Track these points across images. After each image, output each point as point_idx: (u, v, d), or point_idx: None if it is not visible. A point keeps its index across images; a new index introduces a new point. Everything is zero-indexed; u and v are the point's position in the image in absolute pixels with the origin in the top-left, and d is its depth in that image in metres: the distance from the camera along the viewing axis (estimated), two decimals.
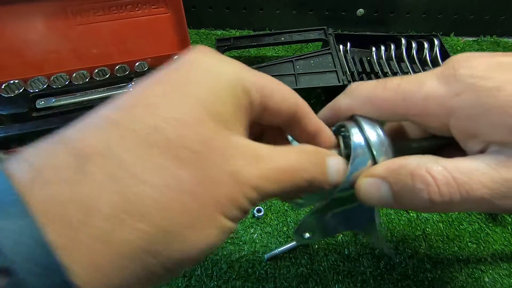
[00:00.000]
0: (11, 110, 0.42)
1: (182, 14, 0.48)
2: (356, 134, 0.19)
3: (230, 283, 0.35)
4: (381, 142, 0.18)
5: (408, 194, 0.16)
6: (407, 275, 0.36)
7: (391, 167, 0.17)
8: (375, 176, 0.17)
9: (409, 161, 0.17)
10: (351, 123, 0.20)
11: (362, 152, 0.19)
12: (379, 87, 0.19)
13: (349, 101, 0.20)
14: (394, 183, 0.17)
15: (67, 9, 0.44)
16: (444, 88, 0.16)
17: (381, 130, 0.19)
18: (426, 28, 0.64)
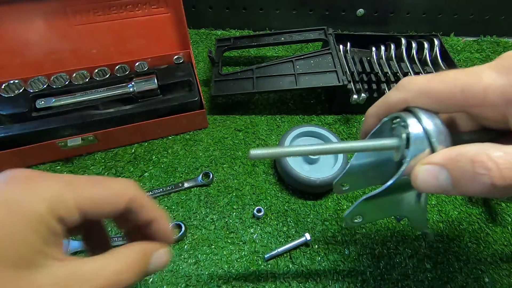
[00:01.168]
0: (11, 110, 0.42)
1: (182, 14, 0.48)
2: (413, 124, 0.19)
3: (230, 283, 0.35)
4: (440, 131, 0.19)
5: (468, 180, 0.16)
6: (407, 275, 0.36)
7: (450, 154, 0.17)
8: (434, 164, 0.18)
9: (468, 148, 0.17)
10: (407, 114, 0.20)
11: (420, 141, 0.19)
12: (435, 80, 0.20)
13: (403, 95, 0.21)
14: (454, 169, 0.17)
15: (67, 9, 0.44)
16: (503, 79, 0.17)
17: (439, 120, 0.19)
18: (426, 28, 0.64)
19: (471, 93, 0.18)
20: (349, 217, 0.24)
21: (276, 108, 0.52)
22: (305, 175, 0.38)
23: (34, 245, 0.15)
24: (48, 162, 0.44)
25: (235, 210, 0.40)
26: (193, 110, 0.45)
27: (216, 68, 0.51)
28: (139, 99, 0.45)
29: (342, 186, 0.27)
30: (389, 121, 0.22)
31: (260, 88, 0.48)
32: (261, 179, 0.43)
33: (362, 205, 0.23)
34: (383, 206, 0.23)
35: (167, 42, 0.51)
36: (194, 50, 0.61)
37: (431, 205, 0.41)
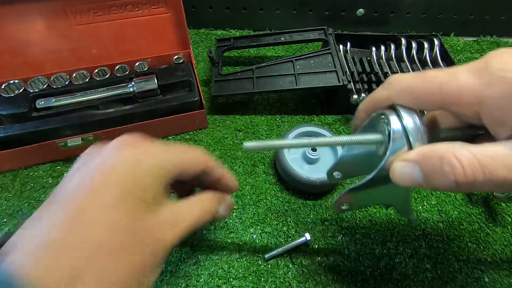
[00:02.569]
0: (11, 110, 0.42)
1: (182, 14, 0.48)
2: (394, 122, 0.21)
3: (230, 283, 0.35)
4: (418, 129, 0.20)
5: (437, 176, 0.18)
6: (407, 275, 0.36)
7: (422, 152, 0.19)
8: (409, 161, 0.19)
9: (439, 147, 0.18)
10: (390, 111, 0.22)
11: (399, 138, 0.20)
12: (418, 78, 0.21)
13: (388, 92, 0.22)
14: (425, 166, 0.18)
15: (67, 9, 0.44)
16: (477, 80, 0.18)
17: (419, 118, 0.21)
18: (426, 28, 0.64)
19: (448, 92, 0.19)
20: (336, 205, 0.26)
21: (276, 108, 0.52)
22: (305, 175, 0.38)
23: (160, 190, 0.20)
24: (48, 162, 0.44)
25: (235, 210, 0.40)
26: (193, 110, 0.45)
27: (216, 68, 0.51)
28: (139, 99, 0.45)
29: (335, 174, 0.30)
30: (377, 117, 0.23)
31: (260, 88, 0.48)
32: (261, 179, 0.43)
33: (347, 195, 0.25)
34: (368, 196, 0.25)
35: (167, 42, 0.51)
36: (194, 50, 0.61)
37: (431, 205, 0.41)
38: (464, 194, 0.42)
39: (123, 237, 0.17)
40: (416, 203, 0.41)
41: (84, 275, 0.15)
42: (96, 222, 0.16)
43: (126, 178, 0.18)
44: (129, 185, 0.18)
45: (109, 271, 0.16)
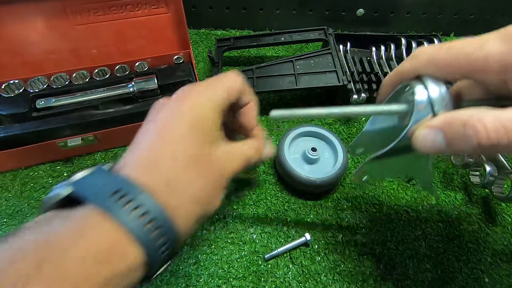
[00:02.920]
0: (11, 110, 0.42)
1: (182, 14, 0.48)
2: (420, 91, 0.21)
3: (230, 283, 0.35)
4: (443, 98, 0.20)
5: (460, 140, 0.18)
6: (407, 275, 0.36)
7: (446, 119, 0.19)
8: (432, 127, 0.20)
9: (463, 112, 0.19)
10: (416, 81, 0.22)
11: (423, 107, 0.21)
12: (442, 48, 0.21)
13: (414, 64, 0.23)
14: (448, 132, 0.19)
15: (67, 9, 0.44)
16: (504, 46, 0.18)
17: (444, 87, 0.21)
18: (426, 28, 0.64)
19: (474, 60, 0.19)
20: (356, 175, 0.27)
21: (276, 108, 0.52)
22: (305, 175, 0.38)
23: (216, 126, 0.23)
24: (48, 162, 0.44)
25: (235, 210, 0.40)
26: None
27: (216, 68, 0.51)
28: (139, 99, 0.45)
29: (357, 148, 0.30)
30: (401, 89, 0.24)
31: (260, 88, 0.48)
32: (261, 179, 0.43)
33: (368, 165, 0.25)
34: (389, 166, 0.25)
35: (167, 42, 0.51)
36: (194, 50, 0.61)
37: (431, 205, 0.41)
38: (464, 194, 0.42)
39: (194, 159, 0.21)
40: (416, 203, 0.41)
41: (173, 183, 0.20)
42: (175, 147, 0.21)
43: (190, 119, 0.22)
44: (193, 123, 0.22)
45: (189, 181, 0.20)
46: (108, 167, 0.21)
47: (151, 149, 0.21)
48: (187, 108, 0.22)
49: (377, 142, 0.29)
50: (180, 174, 0.20)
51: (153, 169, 0.20)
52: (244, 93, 0.27)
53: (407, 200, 0.42)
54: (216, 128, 0.23)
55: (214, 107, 0.23)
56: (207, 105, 0.23)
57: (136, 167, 0.20)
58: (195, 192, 0.21)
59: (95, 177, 0.19)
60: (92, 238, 0.16)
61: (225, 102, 0.24)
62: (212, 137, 0.23)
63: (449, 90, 0.21)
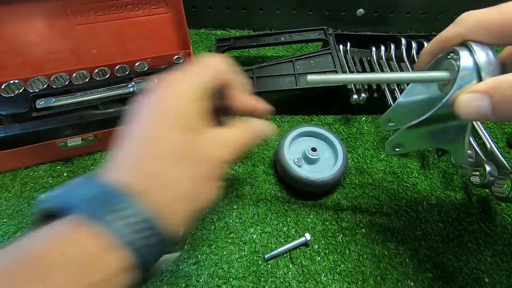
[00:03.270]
0: (11, 110, 0.42)
1: (182, 14, 0.48)
2: (465, 57, 0.20)
3: (230, 283, 0.35)
4: (491, 63, 0.19)
5: (508, 105, 0.17)
6: (407, 275, 0.36)
7: (493, 82, 0.18)
8: (478, 91, 0.18)
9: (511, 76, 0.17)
10: (461, 47, 0.21)
11: (469, 73, 0.19)
12: (492, 11, 0.19)
13: (459, 28, 0.21)
14: (495, 95, 0.18)
15: (67, 9, 0.44)
16: None
17: (492, 52, 0.20)
18: (426, 28, 0.64)
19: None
20: (390, 144, 0.25)
21: (276, 108, 0.52)
22: (305, 175, 0.38)
23: (201, 116, 0.21)
24: (48, 162, 0.44)
25: (235, 210, 0.40)
26: None
27: None
28: None
29: (388, 121, 0.28)
30: (443, 56, 0.22)
31: (260, 88, 0.48)
32: (261, 179, 0.43)
33: (404, 134, 0.24)
34: (425, 136, 0.24)
35: (167, 42, 0.51)
36: (194, 50, 0.61)
37: (431, 205, 0.41)
38: (464, 194, 0.42)
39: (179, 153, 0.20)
40: (416, 203, 0.41)
41: (159, 180, 0.19)
42: (158, 143, 0.20)
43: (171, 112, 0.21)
44: (175, 115, 0.21)
45: (176, 177, 0.20)
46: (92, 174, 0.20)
47: (135, 148, 0.20)
48: (167, 100, 0.21)
49: (411, 116, 0.26)
50: (166, 171, 0.19)
51: (137, 169, 0.19)
52: (232, 73, 0.26)
53: (407, 200, 0.42)
54: (200, 116, 0.22)
55: (197, 94, 0.22)
56: (188, 93, 0.22)
57: (120, 168, 0.19)
58: (184, 187, 0.20)
59: (75, 186, 0.19)
60: (72, 246, 0.16)
61: (209, 86, 0.23)
62: (196, 126, 0.21)
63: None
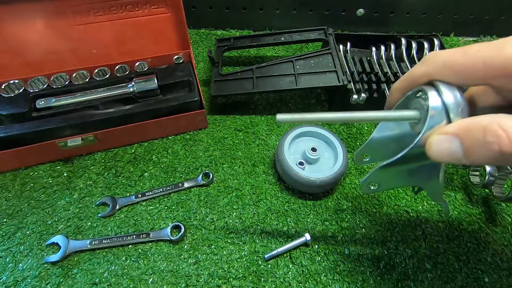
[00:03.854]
0: (11, 110, 0.42)
1: (182, 14, 0.48)
2: (433, 97, 0.20)
3: (230, 283, 0.35)
4: (458, 104, 0.19)
5: (479, 148, 0.17)
6: (407, 275, 0.36)
7: (463, 124, 0.18)
8: (448, 133, 0.19)
9: (481, 118, 0.18)
10: (429, 87, 0.21)
11: (437, 113, 0.20)
12: (458, 53, 0.20)
13: (426, 68, 0.21)
14: (466, 138, 0.18)
15: (67, 9, 0.44)
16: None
17: (459, 93, 0.20)
18: (426, 28, 0.64)
19: (493, 64, 0.18)
20: (365, 184, 0.25)
21: (276, 108, 0.52)
22: (305, 175, 0.38)
23: None
24: (48, 162, 0.44)
25: (235, 210, 0.40)
26: (193, 110, 0.45)
27: (216, 68, 0.51)
28: (139, 99, 0.45)
29: (363, 157, 0.29)
30: (413, 95, 0.22)
31: (260, 88, 0.48)
32: (261, 179, 0.43)
33: (378, 173, 0.24)
34: (399, 175, 0.24)
35: (167, 42, 0.51)
36: (194, 50, 0.61)
37: (431, 205, 0.41)
38: (464, 194, 0.42)
39: None
40: (416, 203, 0.41)
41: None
42: None
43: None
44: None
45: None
46: None
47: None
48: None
49: (385, 151, 0.28)
50: None
51: None
52: None
53: (407, 200, 0.42)
54: None
55: None
56: None
57: None
58: None
59: None
60: None
61: None
62: None
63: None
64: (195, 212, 0.40)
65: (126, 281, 0.35)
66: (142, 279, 0.35)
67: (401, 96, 0.24)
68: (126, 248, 0.37)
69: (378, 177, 0.25)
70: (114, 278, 0.35)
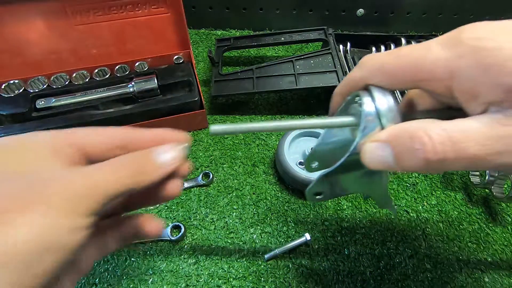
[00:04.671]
0: (11, 110, 0.42)
1: (182, 14, 0.48)
2: (367, 103, 0.20)
3: (230, 283, 0.35)
4: (390, 110, 0.19)
5: (407, 155, 0.17)
6: (407, 275, 0.36)
7: (393, 132, 0.18)
8: (379, 141, 0.18)
9: (409, 125, 0.17)
10: (364, 92, 0.21)
11: (371, 120, 0.19)
12: (391, 56, 0.19)
13: (361, 73, 0.21)
14: (395, 145, 0.18)
15: (67, 9, 0.44)
16: (448, 52, 0.17)
17: (392, 98, 0.20)
18: (426, 28, 0.64)
19: (421, 68, 0.18)
20: (309, 193, 0.25)
21: (276, 108, 0.52)
22: (305, 175, 0.38)
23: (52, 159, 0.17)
24: None
25: (235, 210, 0.40)
26: (193, 110, 0.45)
27: (216, 68, 0.51)
28: (139, 99, 0.45)
29: (311, 163, 0.29)
30: (352, 99, 0.22)
31: (260, 88, 0.48)
32: (261, 179, 0.43)
33: (319, 182, 0.23)
34: (342, 183, 0.24)
35: (167, 42, 0.51)
36: (194, 50, 0.61)
37: (431, 205, 0.41)
38: (464, 194, 0.42)
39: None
40: (416, 203, 0.41)
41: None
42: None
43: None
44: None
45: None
46: None
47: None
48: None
49: (332, 156, 0.27)
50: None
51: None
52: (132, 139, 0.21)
53: (407, 200, 0.42)
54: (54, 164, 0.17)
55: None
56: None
57: None
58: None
59: None
60: None
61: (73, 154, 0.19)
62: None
63: (402, 100, 0.20)
64: (195, 212, 0.40)
65: (126, 281, 0.35)
66: (142, 279, 0.35)
67: (342, 101, 0.24)
68: (126, 248, 0.37)
69: (320, 187, 0.24)
70: (114, 278, 0.35)
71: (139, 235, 0.23)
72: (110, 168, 0.18)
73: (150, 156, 0.19)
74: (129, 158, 0.19)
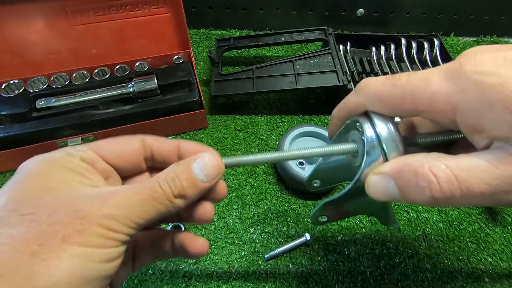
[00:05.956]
0: (11, 110, 0.42)
1: (182, 14, 0.48)
2: (368, 130, 0.20)
3: (230, 283, 0.35)
4: (392, 138, 0.19)
5: (413, 191, 0.17)
6: (407, 275, 0.36)
7: (397, 166, 0.18)
8: (383, 174, 0.18)
9: (414, 159, 0.17)
10: (364, 118, 0.21)
11: (374, 148, 0.19)
12: (388, 84, 0.19)
13: (359, 99, 0.21)
14: (400, 180, 0.18)
15: (67, 9, 0.44)
16: (450, 85, 0.17)
17: (393, 125, 0.20)
18: (426, 28, 0.64)
19: (421, 99, 0.18)
20: (314, 217, 0.25)
21: (276, 108, 0.52)
22: (305, 175, 0.38)
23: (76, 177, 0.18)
24: None
25: (235, 210, 0.40)
26: (193, 110, 0.45)
27: (216, 68, 0.51)
28: (139, 99, 0.45)
29: (313, 182, 0.29)
30: (352, 123, 0.22)
31: (260, 88, 0.48)
32: (261, 179, 0.43)
33: (323, 208, 0.24)
34: (346, 208, 0.24)
35: (167, 42, 0.51)
36: (194, 50, 0.61)
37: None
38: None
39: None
40: None
41: None
42: None
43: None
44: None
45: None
46: None
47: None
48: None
49: (333, 176, 0.28)
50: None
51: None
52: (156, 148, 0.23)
53: None
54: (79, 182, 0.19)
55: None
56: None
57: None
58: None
59: None
60: None
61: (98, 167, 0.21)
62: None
63: (401, 123, 0.20)
64: None
65: (126, 281, 0.35)
66: (142, 279, 0.35)
67: (341, 125, 0.24)
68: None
69: (324, 212, 0.25)
70: None
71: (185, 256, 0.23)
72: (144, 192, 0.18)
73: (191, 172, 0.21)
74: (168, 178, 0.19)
